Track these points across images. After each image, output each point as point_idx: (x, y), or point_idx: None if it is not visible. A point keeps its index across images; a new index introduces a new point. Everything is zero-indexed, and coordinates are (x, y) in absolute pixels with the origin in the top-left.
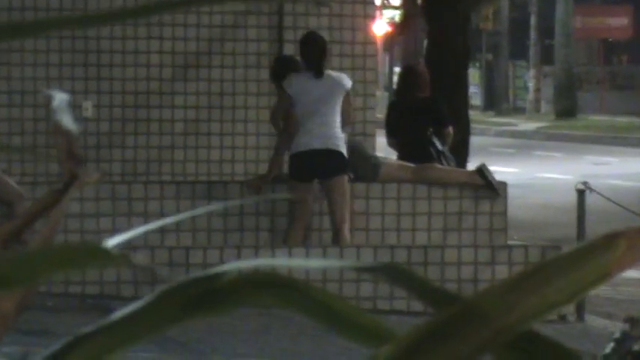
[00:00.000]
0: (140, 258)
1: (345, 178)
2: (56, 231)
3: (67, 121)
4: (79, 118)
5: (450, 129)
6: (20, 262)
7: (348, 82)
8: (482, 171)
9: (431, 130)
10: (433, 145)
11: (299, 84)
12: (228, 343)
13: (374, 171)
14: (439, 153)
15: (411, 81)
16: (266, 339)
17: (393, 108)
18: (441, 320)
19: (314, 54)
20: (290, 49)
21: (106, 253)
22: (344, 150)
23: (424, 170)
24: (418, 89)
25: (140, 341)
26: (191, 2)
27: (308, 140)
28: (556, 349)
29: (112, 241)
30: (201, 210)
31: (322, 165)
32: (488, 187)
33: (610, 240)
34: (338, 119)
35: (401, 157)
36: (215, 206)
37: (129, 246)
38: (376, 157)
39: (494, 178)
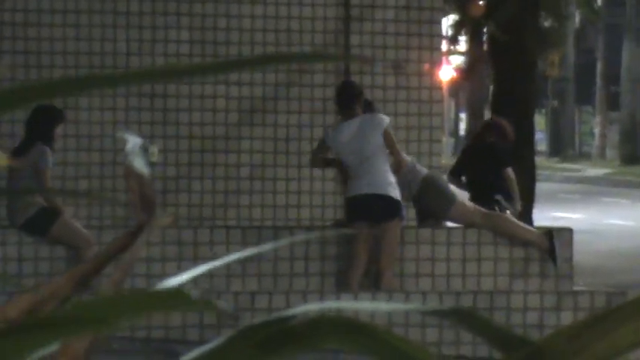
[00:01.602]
0: (222, 303)
1: (395, 222)
2: (128, 275)
3: (140, 164)
4: (150, 167)
5: (509, 171)
6: (108, 305)
7: (381, 120)
8: (552, 236)
9: (493, 173)
10: (491, 190)
11: (335, 131)
12: None
13: (445, 207)
14: (495, 200)
15: (487, 129)
16: None
17: (463, 151)
18: None
19: (346, 100)
20: None
21: (190, 299)
22: (394, 193)
23: (495, 219)
24: (490, 136)
25: None
26: (260, 62)
27: (357, 184)
28: None
29: (174, 282)
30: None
31: (370, 209)
32: (549, 255)
33: None
34: (384, 162)
35: (470, 198)
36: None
37: (197, 289)
38: (451, 195)
39: (557, 249)
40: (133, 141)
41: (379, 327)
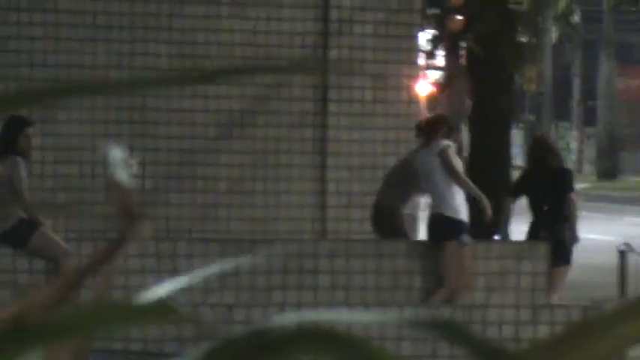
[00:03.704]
0: (205, 315)
1: (450, 244)
2: (109, 287)
3: (122, 175)
4: (132, 178)
5: (572, 195)
6: (92, 316)
7: (436, 148)
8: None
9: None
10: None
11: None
12: None
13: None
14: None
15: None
16: None
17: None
18: None
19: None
20: (333, 108)
21: (174, 311)
22: (451, 213)
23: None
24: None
25: None
26: (238, 72)
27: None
28: None
29: (153, 295)
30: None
31: (429, 229)
32: None
33: None
34: (444, 184)
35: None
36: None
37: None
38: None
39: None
40: (115, 152)
41: (358, 338)
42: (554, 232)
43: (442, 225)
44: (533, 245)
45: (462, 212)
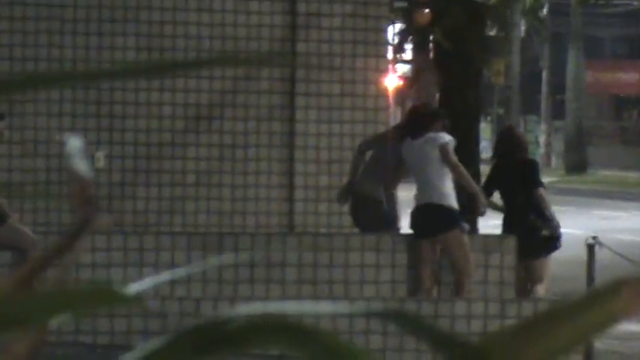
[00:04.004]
0: (151, 304)
1: (453, 233)
2: (69, 276)
3: (81, 165)
4: (91, 169)
5: (540, 191)
6: (33, 302)
7: (438, 140)
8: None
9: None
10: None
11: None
12: None
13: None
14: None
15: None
16: None
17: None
18: None
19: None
20: (301, 102)
21: (117, 295)
22: (448, 202)
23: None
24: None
25: None
26: (202, 64)
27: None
28: None
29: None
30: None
31: (424, 220)
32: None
33: (616, 287)
34: (439, 173)
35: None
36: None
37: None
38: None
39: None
40: (73, 143)
41: (320, 330)
42: (529, 224)
43: (441, 215)
44: (502, 239)
45: (455, 200)
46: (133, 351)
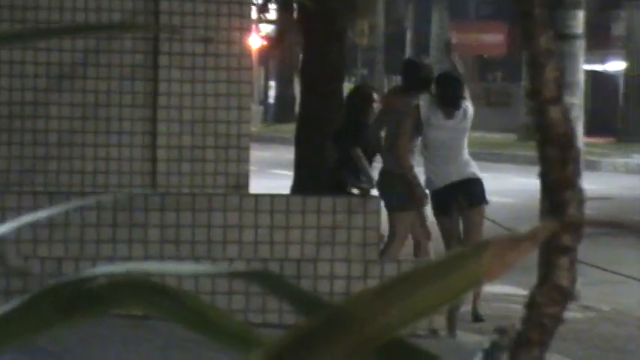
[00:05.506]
0: (34, 268)
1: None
2: None
3: None
4: None
5: (356, 150)
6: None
7: (471, 111)
8: None
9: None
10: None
11: None
12: (99, 353)
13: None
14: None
15: (355, 102)
16: (137, 349)
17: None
18: (309, 326)
19: None
20: (164, 61)
21: None
22: (479, 175)
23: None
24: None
25: (12, 344)
26: (68, 32)
27: None
28: (423, 356)
29: None
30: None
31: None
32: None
33: (478, 249)
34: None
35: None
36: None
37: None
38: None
39: None
40: None
41: (183, 291)
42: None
43: (481, 187)
44: (366, 200)
45: None
46: None
